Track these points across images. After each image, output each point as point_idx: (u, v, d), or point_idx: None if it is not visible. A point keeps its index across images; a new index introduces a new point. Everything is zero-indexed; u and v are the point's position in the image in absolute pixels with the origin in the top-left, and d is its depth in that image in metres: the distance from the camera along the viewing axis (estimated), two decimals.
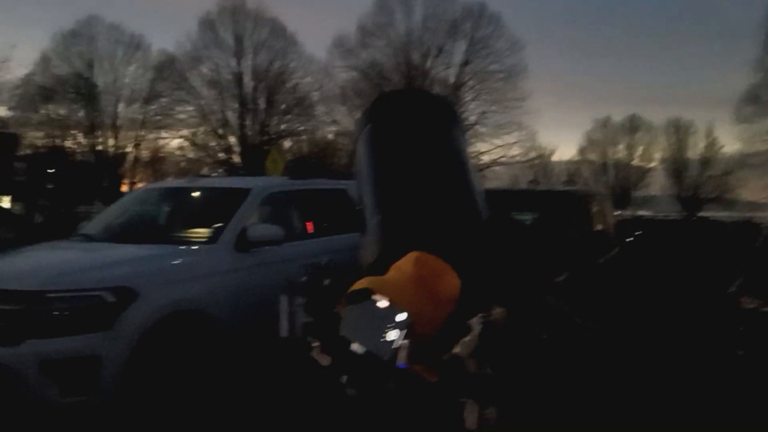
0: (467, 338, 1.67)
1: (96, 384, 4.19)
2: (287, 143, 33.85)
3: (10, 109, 31.37)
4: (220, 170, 30.41)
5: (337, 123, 33.47)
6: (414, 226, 2.19)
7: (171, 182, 7.62)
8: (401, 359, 1.67)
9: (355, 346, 1.69)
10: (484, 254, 2.19)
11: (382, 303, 1.72)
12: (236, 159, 32.54)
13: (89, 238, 5.78)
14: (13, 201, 26.90)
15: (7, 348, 4.13)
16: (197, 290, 4.83)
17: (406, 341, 1.68)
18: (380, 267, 1.97)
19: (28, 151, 32.43)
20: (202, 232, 5.56)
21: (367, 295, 1.75)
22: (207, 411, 4.32)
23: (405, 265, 1.91)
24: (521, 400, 1.68)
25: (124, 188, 31.53)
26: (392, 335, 1.67)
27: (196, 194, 6.48)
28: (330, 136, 34.61)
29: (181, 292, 4.74)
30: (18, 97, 30.85)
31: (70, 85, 31.21)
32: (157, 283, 4.64)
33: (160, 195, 6.77)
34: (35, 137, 32.28)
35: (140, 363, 4.34)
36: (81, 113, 32.17)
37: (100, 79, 31.95)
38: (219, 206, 5.82)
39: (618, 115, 65.68)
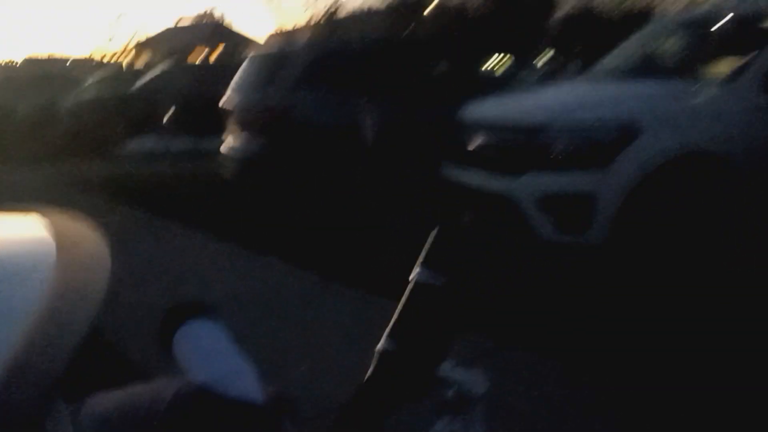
0: None
1: (589, 223, 4.04)
2: None
3: None
4: None
5: None
6: None
7: (683, 12, 6.68)
8: None
9: None
10: None
11: None
12: None
13: (595, 75, 5.52)
14: None
15: (507, 177, 4.27)
16: (711, 132, 4.14)
17: None
18: None
19: None
20: (720, 67, 4.70)
21: None
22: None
23: None
24: None
25: None
26: None
27: (715, 25, 5.51)
28: None
29: (691, 133, 4.13)
30: None
31: None
32: (665, 121, 4.13)
33: (671, 26, 6.01)
34: None
35: (636, 206, 3.99)
36: None
37: None
38: (745, 38, 4.81)
39: None
